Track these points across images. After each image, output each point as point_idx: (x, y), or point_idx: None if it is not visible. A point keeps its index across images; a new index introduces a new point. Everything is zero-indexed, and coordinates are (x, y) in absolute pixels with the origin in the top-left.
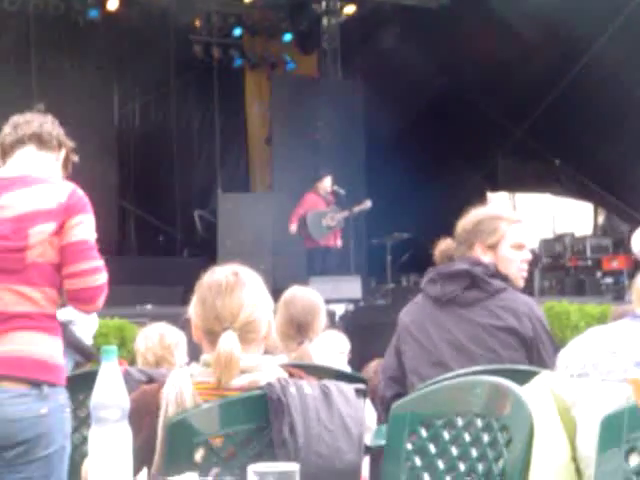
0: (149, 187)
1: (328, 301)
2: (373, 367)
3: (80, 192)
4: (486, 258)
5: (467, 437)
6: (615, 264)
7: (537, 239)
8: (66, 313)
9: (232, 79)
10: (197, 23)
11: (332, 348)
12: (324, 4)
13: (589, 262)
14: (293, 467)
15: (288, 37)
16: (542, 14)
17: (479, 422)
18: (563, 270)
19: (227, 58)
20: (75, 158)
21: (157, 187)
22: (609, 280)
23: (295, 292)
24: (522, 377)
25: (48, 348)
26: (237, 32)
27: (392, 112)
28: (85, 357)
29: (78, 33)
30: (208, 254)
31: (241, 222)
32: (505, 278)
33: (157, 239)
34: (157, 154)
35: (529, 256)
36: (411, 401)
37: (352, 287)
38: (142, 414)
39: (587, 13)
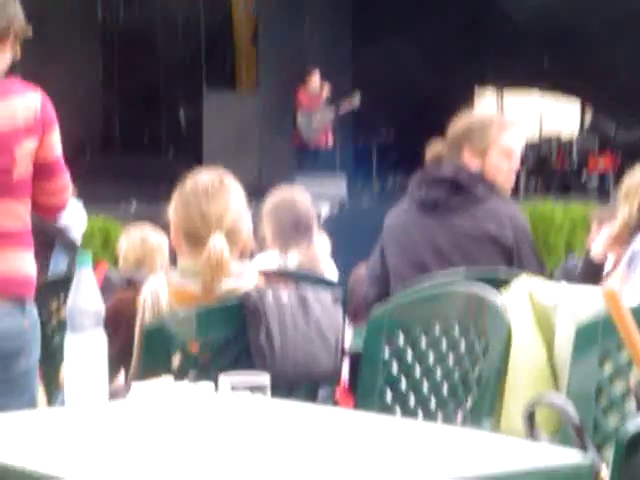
0: (133, 85)
1: (314, 199)
2: (357, 271)
3: (49, 103)
4: (474, 163)
5: (444, 343)
6: (601, 164)
7: (524, 140)
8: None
9: None
10: None
11: (324, 251)
12: None
13: (575, 162)
14: (264, 380)
15: None
16: None
17: (457, 328)
18: (549, 171)
19: None
20: (28, 32)
21: (141, 85)
22: (595, 180)
23: (294, 195)
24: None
25: (31, 265)
26: None
27: (379, 5)
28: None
29: None
30: (193, 152)
31: (226, 121)
32: (492, 185)
33: (141, 137)
34: (142, 52)
35: (517, 165)
36: (389, 307)
37: (338, 185)
38: (119, 320)
39: None
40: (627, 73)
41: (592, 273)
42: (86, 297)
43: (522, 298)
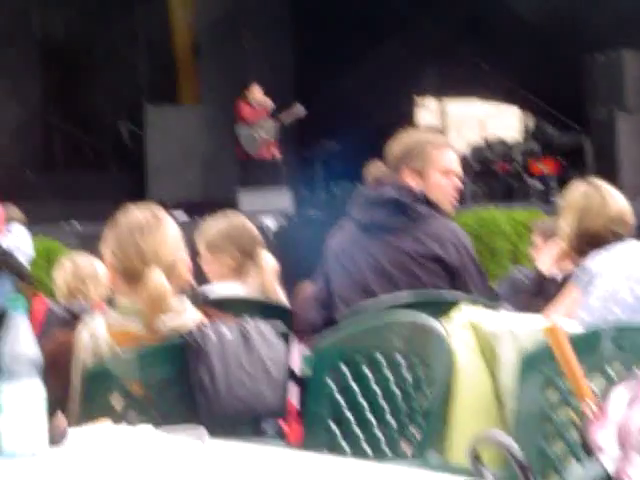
0: (73, 99)
1: (258, 213)
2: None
3: None
4: (414, 183)
5: (389, 373)
6: (543, 168)
7: (466, 145)
8: (9, 240)
9: None
10: None
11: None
12: None
13: (518, 167)
14: (201, 433)
15: None
16: None
17: (401, 359)
18: (492, 175)
19: None
20: None
21: (81, 100)
22: (537, 184)
23: (240, 220)
24: (447, 306)
25: None
26: None
27: (321, 15)
28: (26, 282)
29: None
30: (137, 167)
31: (169, 135)
32: (434, 204)
33: (83, 154)
34: (81, 66)
35: (459, 183)
36: (332, 338)
37: (283, 199)
38: (56, 364)
39: None
40: (568, 78)
41: (543, 289)
42: (21, 344)
43: (464, 327)
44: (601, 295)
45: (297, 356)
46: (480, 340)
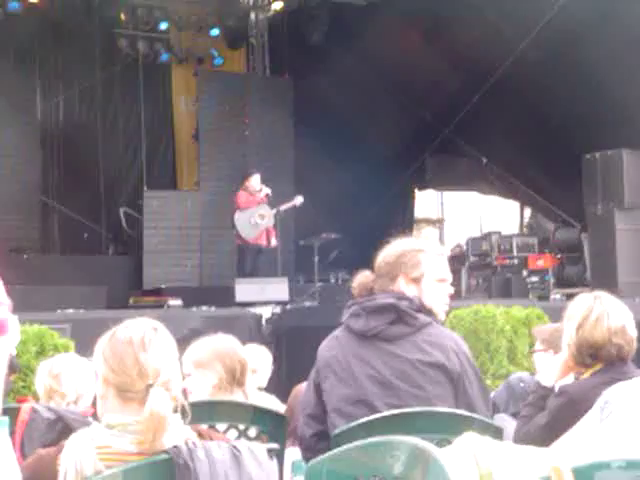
0: (73, 183)
1: (255, 303)
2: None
3: None
4: (409, 291)
5: None
6: (540, 263)
7: (465, 238)
8: None
9: (158, 74)
10: (122, 16)
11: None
12: None
13: (515, 260)
14: None
15: (215, 32)
16: (470, 15)
17: None
18: (490, 268)
19: (153, 52)
20: None
21: (81, 183)
22: (535, 278)
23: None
24: (448, 418)
25: None
26: (163, 26)
27: (321, 110)
28: (10, 369)
29: None
30: (134, 252)
31: (167, 220)
32: (429, 311)
33: (81, 237)
34: (82, 150)
35: (451, 290)
36: (327, 459)
37: (279, 289)
38: None
39: (512, 16)
40: (567, 176)
41: (541, 399)
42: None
43: (466, 457)
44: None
45: (289, 458)
46: (482, 473)
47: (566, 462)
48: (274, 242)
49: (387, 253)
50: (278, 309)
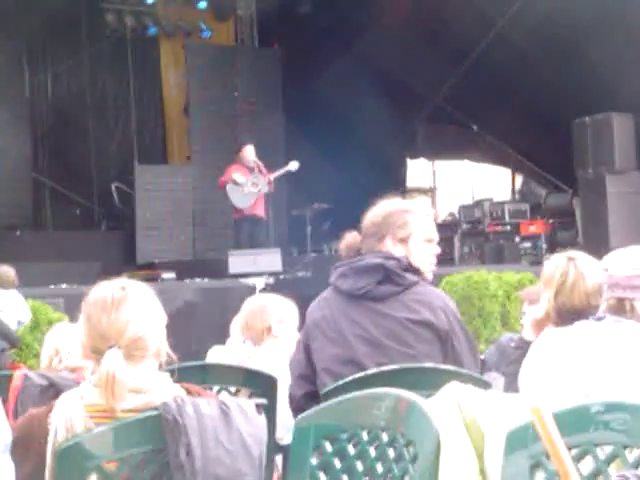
0: (64, 159)
1: (248, 275)
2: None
3: None
4: (397, 251)
5: (373, 452)
6: (533, 229)
7: (457, 206)
8: None
9: (147, 48)
10: None
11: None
12: None
13: (508, 227)
14: None
15: (203, 4)
16: None
17: (385, 436)
18: (482, 235)
19: (141, 26)
20: None
21: (72, 159)
22: (527, 244)
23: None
24: (436, 374)
25: None
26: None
27: (309, 80)
28: (10, 343)
29: None
30: (127, 227)
31: (159, 194)
32: (417, 271)
33: (73, 212)
34: (71, 125)
35: (439, 250)
36: (315, 414)
37: (272, 260)
38: (29, 441)
39: None
40: (557, 141)
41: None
42: None
43: (451, 406)
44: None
45: (282, 423)
46: (466, 420)
47: (547, 406)
48: (262, 211)
49: (374, 214)
50: (271, 280)
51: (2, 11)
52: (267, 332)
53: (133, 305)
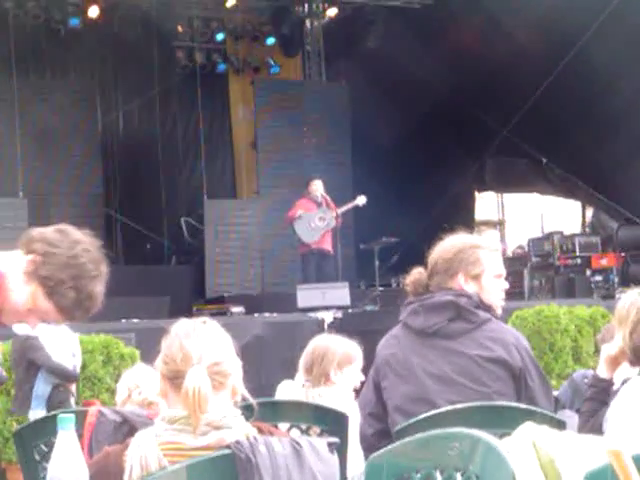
0: (135, 195)
1: (316, 309)
2: None
3: None
4: (469, 288)
5: None
6: (604, 262)
7: (526, 239)
8: (25, 328)
9: (216, 84)
10: (179, 28)
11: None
12: (306, 7)
13: (578, 260)
14: None
15: (271, 41)
16: (526, 12)
17: (459, 477)
18: (552, 269)
19: (210, 63)
20: None
21: (143, 194)
22: (599, 278)
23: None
24: (509, 413)
25: None
26: (220, 37)
27: (377, 114)
28: (65, 379)
29: (59, 42)
30: (196, 261)
31: (228, 228)
32: (488, 308)
33: (144, 247)
34: (142, 161)
35: (507, 285)
36: (387, 453)
37: (340, 294)
38: (105, 478)
39: (572, 10)
40: (625, 174)
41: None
42: (67, 465)
43: (526, 446)
44: None
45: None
46: (542, 461)
47: (627, 448)
48: (331, 246)
49: (443, 249)
50: (340, 314)
51: (76, 50)
52: (325, 379)
53: (214, 333)
